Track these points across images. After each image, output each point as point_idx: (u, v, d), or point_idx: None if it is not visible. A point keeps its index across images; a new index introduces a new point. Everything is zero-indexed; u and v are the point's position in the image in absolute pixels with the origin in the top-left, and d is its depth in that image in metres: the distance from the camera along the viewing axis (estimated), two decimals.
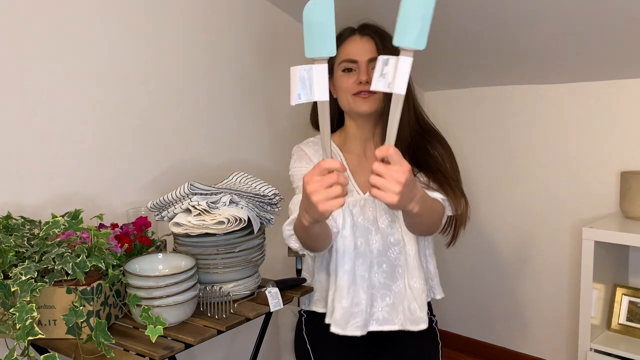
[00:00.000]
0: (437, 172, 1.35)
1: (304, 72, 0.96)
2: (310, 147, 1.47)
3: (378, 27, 1.42)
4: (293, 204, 1.36)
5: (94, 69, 1.52)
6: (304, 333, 1.51)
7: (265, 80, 1.99)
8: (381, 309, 1.39)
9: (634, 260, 1.99)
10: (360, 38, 1.40)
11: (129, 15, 1.58)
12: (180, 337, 1.16)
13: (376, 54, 1.36)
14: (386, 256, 1.38)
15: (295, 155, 1.48)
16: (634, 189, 1.81)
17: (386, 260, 1.38)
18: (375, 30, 1.40)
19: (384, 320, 1.38)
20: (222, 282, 1.34)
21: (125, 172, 1.61)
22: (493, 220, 2.35)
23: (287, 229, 1.30)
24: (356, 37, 1.40)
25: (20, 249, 1.15)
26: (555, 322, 2.23)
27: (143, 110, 1.64)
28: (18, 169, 1.39)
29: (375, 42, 1.38)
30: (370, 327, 1.37)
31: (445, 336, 2.52)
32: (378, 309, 1.38)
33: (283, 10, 2.01)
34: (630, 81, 1.92)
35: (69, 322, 1.07)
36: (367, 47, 1.38)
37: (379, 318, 1.38)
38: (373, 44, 1.38)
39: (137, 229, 1.40)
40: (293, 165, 1.46)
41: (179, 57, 1.72)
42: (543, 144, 2.17)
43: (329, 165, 0.96)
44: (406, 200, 1.00)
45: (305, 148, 1.46)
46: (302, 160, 1.44)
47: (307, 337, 1.49)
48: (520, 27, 1.77)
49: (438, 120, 1.54)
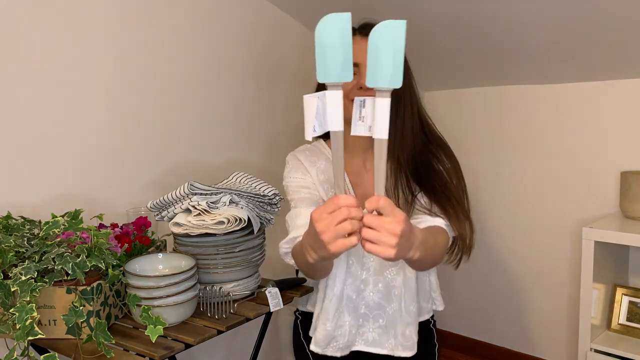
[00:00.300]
0: (440, 193, 1.23)
1: (317, 100, 0.85)
2: (307, 156, 1.34)
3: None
4: (290, 219, 1.26)
5: (94, 69, 1.51)
6: (302, 337, 1.47)
7: (265, 80, 1.99)
8: (372, 330, 1.30)
9: (634, 260, 1.99)
10: (361, 39, 1.22)
11: (130, 16, 1.58)
12: (180, 337, 1.16)
13: None
14: (382, 275, 1.28)
15: (290, 164, 1.35)
16: (634, 189, 1.81)
17: (382, 280, 1.28)
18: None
19: (374, 342, 1.30)
20: (222, 282, 1.34)
21: (125, 172, 1.61)
22: (493, 220, 2.35)
23: (285, 247, 1.22)
24: (357, 37, 1.24)
25: (20, 249, 1.15)
26: (555, 322, 2.23)
27: (143, 110, 1.64)
28: (18, 169, 1.39)
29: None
30: (357, 346, 1.30)
31: (445, 336, 2.52)
32: (369, 329, 1.30)
33: (284, 11, 2.01)
34: (630, 81, 1.92)
35: (69, 322, 1.07)
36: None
37: (368, 339, 1.30)
38: None
39: (137, 229, 1.40)
40: (288, 175, 1.34)
41: (179, 58, 1.72)
42: (543, 143, 2.17)
43: (343, 202, 0.84)
44: (404, 251, 0.91)
45: (301, 157, 1.34)
46: (298, 171, 1.32)
47: (305, 340, 1.46)
48: (521, 27, 1.77)
49: (438, 120, 1.52)
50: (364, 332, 1.30)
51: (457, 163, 1.30)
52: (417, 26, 1.91)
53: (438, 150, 1.29)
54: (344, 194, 0.86)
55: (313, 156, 1.34)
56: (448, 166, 1.27)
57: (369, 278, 1.28)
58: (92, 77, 1.52)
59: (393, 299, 1.28)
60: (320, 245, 0.88)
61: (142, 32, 1.62)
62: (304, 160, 1.33)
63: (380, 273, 1.30)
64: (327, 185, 1.29)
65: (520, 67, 2.06)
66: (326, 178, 1.29)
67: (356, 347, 1.30)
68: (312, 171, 1.31)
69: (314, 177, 1.30)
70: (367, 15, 1.48)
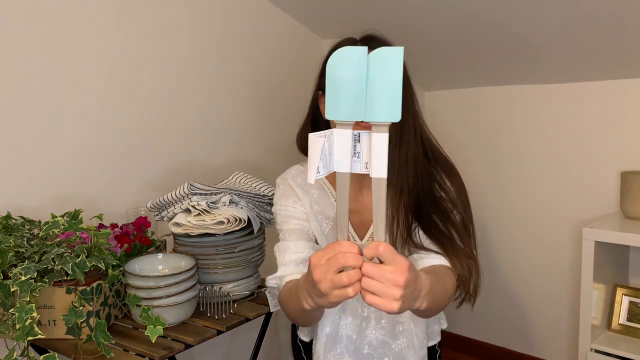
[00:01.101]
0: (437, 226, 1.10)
1: (324, 139, 0.76)
2: (299, 184, 1.21)
3: (383, 39, 1.14)
4: (279, 252, 1.15)
5: (94, 69, 1.51)
6: (299, 341, 1.44)
7: (265, 81, 1.99)
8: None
9: (634, 260, 1.99)
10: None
11: (131, 17, 1.58)
12: (180, 337, 1.16)
13: None
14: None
15: (280, 189, 1.21)
16: (634, 189, 1.80)
17: (386, 316, 1.17)
18: (380, 42, 1.13)
19: None
20: (222, 282, 1.34)
21: (125, 172, 1.61)
22: (493, 220, 2.35)
23: (272, 282, 1.12)
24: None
25: (20, 249, 1.15)
26: (555, 322, 2.23)
27: (143, 110, 1.64)
28: (18, 169, 1.39)
29: None
30: None
31: (446, 336, 2.52)
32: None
33: (285, 12, 2.01)
34: (631, 81, 1.92)
35: (69, 322, 1.07)
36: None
37: None
38: None
39: (137, 229, 1.40)
40: (277, 201, 1.21)
41: (179, 58, 1.72)
42: (543, 143, 2.17)
43: (343, 249, 0.76)
44: (409, 302, 0.81)
45: (293, 183, 1.21)
46: (289, 199, 1.19)
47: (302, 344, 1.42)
48: (521, 28, 1.77)
49: (438, 120, 1.52)
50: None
51: (464, 190, 1.15)
52: (418, 26, 1.91)
53: (441, 175, 1.16)
54: (347, 239, 0.79)
55: (306, 184, 1.21)
56: (453, 195, 1.14)
57: (370, 315, 1.17)
58: (92, 78, 1.52)
59: (398, 335, 1.18)
60: (318, 294, 0.81)
61: (142, 32, 1.62)
62: (295, 188, 1.20)
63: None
64: (321, 216, 1.18)
65: (520, 67, 2.06)
66: (320, 209, 1.19)
67: None
68: (305, 200, 1.19)
69: (307, 207, 1.19)
70: (368, 15, 1.48)
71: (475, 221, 1.15)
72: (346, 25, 1.57)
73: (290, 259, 1.11)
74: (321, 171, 0.77)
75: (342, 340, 1.16)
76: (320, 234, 1.17)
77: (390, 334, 1.18)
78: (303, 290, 0.88)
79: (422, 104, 1.42)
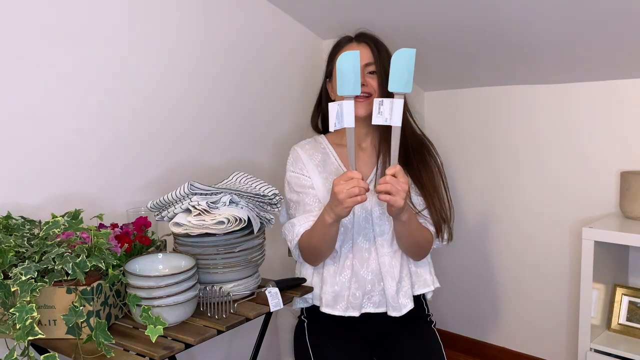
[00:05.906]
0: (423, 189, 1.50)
1: (337, 106, 1.26)
2: (307, 150, 1.55)
3: (373, 35, 1.52)
4: (288, 230, 1.48)
5: (94, 69, 1.52)
6: (307, 339, 1.49)
7: (265, 80, 1.99)
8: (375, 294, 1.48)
9: (634, 260, 1.99)
10: (357, 45, 1.50)
11: (130, 15, 1.58)
12: (180, 337, 1.16)
13: (372, 60, 1.47)
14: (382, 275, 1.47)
15: (291, 157, 1.56)
16: (634, 189, 1.81)
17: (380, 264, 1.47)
18: (371, 38, 1.51)
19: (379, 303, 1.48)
20: (222, 282, 1.34)
21: (125, 172, 1.61)
22: (492, 220, 2.35)
23: (292, 236, 1.46)
24: (353, 44, 1.51)
25: (20, 249, 1.15)
26: (555, 322, 2.23)
27: (143, 110, 1.64)
28: (18, 169, 1.39)
29: (370, 48, 1.48)
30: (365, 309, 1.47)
31: (445, 336, 2.52)
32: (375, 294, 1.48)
33: (284, 11, 2.01)
34: (630, 81, 1.92)
35: (69, 322, 1.07)
36: (363, 53, 1.45)
37: (376, 302, 1.47)
38: (369, 50, 1.47)
39: (137, 229, 1.40)
40: (289, 168, 1.55)
41: (179, 57, 1.72)
42: (542, 143, 2.17)
43: (354, 175, 1.26)
44: (405, 205, 1.28)
45: (301, 152, 1.55)
46: (297, 166, 1.53)
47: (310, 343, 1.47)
48: (520, 27, 1.77)
49: (438, 120, 1.53)
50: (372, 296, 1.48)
51: (434, 155, 1.56)
52: (417, 26, 1.91)
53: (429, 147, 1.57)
54: (354, 170, 1.27)
55: (312, 149, 1.56)
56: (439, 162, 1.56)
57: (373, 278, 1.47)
58: (92, 77, 1.52)
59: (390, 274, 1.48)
60: (337, 203, 1.26)
61: (143, 32, 1.62)
62: (302, 154, 1.55)
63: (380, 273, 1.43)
64: (325, 174, 1.51)
65: (520, 67, 2.06)
66: (322, 169, 1.52)
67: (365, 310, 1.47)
68: (309, 165, 1.52)
69: (311, 171, 1.51)
70: (368, 15, 1.50)
71: (475, 221, 1.38)
72: (346, 26, 1.59)
73: (299, 232, 1.44)
74: (337, 125, 1.27)
75: (346, 270, 1.47)
76: (325, 189, 1.49)
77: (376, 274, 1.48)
78: (327, 208, 1.32)
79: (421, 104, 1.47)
